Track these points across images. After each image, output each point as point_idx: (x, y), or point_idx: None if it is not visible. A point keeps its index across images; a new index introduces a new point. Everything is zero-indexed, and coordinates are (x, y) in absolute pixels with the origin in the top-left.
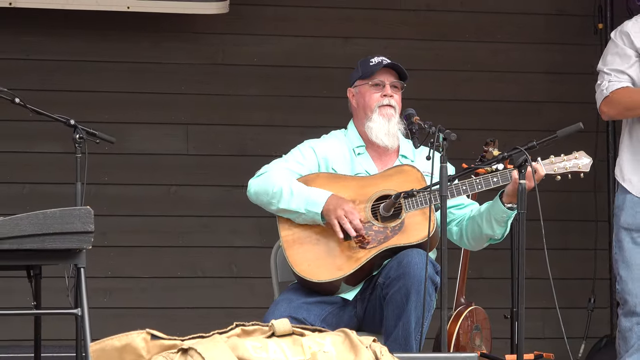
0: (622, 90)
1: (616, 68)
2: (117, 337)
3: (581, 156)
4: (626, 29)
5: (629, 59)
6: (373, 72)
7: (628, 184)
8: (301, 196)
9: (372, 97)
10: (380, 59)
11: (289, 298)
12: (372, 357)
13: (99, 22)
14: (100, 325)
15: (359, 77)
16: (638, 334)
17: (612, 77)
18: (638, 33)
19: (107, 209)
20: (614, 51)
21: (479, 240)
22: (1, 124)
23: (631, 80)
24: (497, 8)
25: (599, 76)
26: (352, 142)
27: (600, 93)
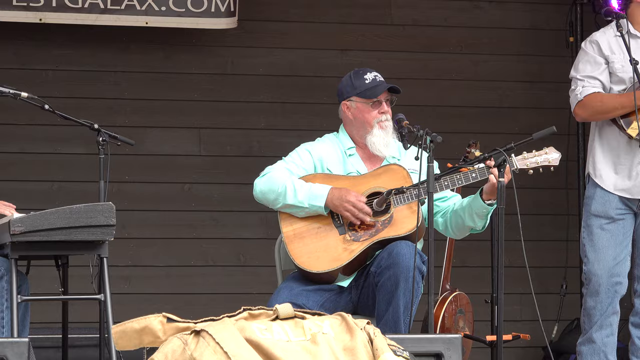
0: (594, 94)
1: (588, 74)
2: (136, 320)
3: (551, 151)
4: (596, 39)
5: (599, 66)
6: (373, 93)
7: (599, 179)
8: (304, 192)
9: (371, 115)
10: (373, 76)
11: (290, 286)
12: (366, 338)
13: (120, 37)
14: (121, 309)
15: (356, 94)
16: (601, 312)
17: (585, 83)
18: (606, 43)
19: (128, 204)
20: (585, 59)
21: (462, 230)
22: (32, 128)
23: (602, 85)
24: (477, 23)
25: (572, 82)
26: (343, 145)
27: (575, 97)
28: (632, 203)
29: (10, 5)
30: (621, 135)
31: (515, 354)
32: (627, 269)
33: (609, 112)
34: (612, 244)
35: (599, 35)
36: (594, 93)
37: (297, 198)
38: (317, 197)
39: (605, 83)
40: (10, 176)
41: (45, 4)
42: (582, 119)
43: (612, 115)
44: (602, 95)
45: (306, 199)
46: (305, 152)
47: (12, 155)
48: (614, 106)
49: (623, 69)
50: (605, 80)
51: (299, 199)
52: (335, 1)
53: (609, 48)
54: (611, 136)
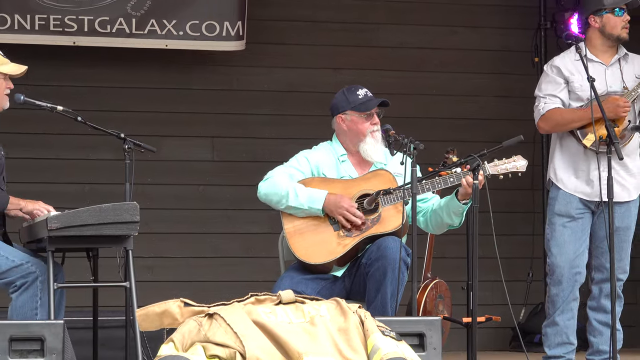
0: (555, 110)
1: (550, 93)
2: (157, 305)
3: (519, 159)
4: (556, 63)
5: (559, 86)
6: (367, 107)
7: (560, 182)
8: (304, 196)
9: (364, 126)
10: (364, 92)
11: (291, 275)
12: (358, 320)
13: (143, 57)
14: (144, 295)
15: (350, 108)
16: (563, 299)
17: (547, 100)
18: (565, 66)
19: (150, 203)
20: (547, 80)
21: (440, 227)
22: (66, 137)
23: (562, 102)
24: (455, 46)
25: (536, 100)
26: (337, 152)
27: (538, 112)
28: (591, 203)
29: (47, 30)
30: (579, 145)
31: (487, 334)
32: (585, 260)
33: (567, 124)
34: (572, 239)
35: (558, 60)
36: (555, 108)
37: (298, 201)
38: (315, 200)
39: (564, 100)
40: (48, 179)
41: (78, 29)
42: (545, 131)
43: (571, 127)
44: (562, 110)
45: (306, 202)
46: (303, 158)
47: (49, 161)
48: (572, 119)
49: (581, 88)
50: (564, 98)
51: (300, 202)
52: (329, 26)
53: (568, 70)
54: (571, 145)
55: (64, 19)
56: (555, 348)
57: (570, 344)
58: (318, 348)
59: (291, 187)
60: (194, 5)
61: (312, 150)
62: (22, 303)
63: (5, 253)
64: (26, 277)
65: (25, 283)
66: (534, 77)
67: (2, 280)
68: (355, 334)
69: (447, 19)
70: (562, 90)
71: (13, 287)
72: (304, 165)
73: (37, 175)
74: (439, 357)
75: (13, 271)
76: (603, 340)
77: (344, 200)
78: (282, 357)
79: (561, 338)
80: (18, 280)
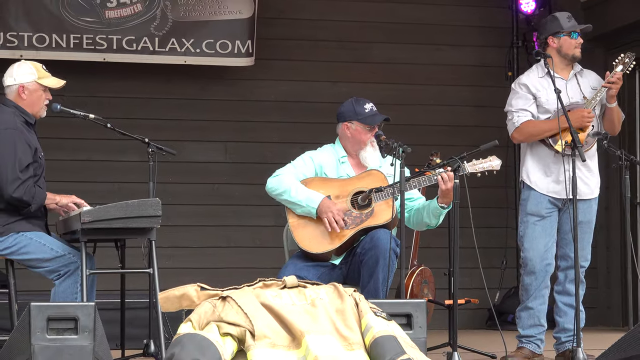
0: (528, 122)
1: (521, 107)
2: (177, 289)
3: (494, 159)
4: (523, 81)
5: (528, 100)
6: (371, 122)
7: (533, 184)
8: (303, 195)
9: (366, 136)
10: (371, 106)
11: (294, 262)
12: (353, 302)
13: (164, 72)
14: (165, 280)
15: (357, 119)
16: (535, 287)
17: (519, 114)
18: (532, 83)
19: (170, 200)
20: (517, 96)
21: (420, 225)
22: (98, 141)
23: (532, 115)
24: (440, 61)
25: (508, 114)
26: (338, 154)
27: (512, 125)
28: (559, 202)
29: (81, 48)
30: (549, 150)
31: (466, 314)
32: (554, 252)
33: (540, 134)
34: (542, 235)
35: (525, 78)
36: (528, 121)
37: (297, 197)
38: (312, 201)
39: (534, 113)
40: (81, 178)
41: (107, 47)
42: (519, 141)
43: (543, 136)
44: (534, 122)
45: (304, 200)
46: (308, 158)
47: (82, 162)
48: (544, 129)
49: (547, 102)
50: (534, 111)
51: (299, 199)
52: (328, 44)
53: (535, 87)
54: (540, 150)
55: (95, 38)
56: (528, 329)
57: (541, 326)
58: (318, 327)
59: (294, 185)
60: (209, 26)
61: (317, 151)
62: (64, 289)
63: (50, 244)
64: (68, 266)
65: (68, 271)
66: (507, 89)
67: (47, 268)
68: (350, 314)
69: (432, 38)
70: (532, 104)
71: (56, 274)
72: (309, 164)
73: (72, 175)
74: (424, 334)
75: (57, 260)
76: (568, 319)
77: (334, 206)
78: (287, 335)
79: (533, 321)
80: (62, 269)
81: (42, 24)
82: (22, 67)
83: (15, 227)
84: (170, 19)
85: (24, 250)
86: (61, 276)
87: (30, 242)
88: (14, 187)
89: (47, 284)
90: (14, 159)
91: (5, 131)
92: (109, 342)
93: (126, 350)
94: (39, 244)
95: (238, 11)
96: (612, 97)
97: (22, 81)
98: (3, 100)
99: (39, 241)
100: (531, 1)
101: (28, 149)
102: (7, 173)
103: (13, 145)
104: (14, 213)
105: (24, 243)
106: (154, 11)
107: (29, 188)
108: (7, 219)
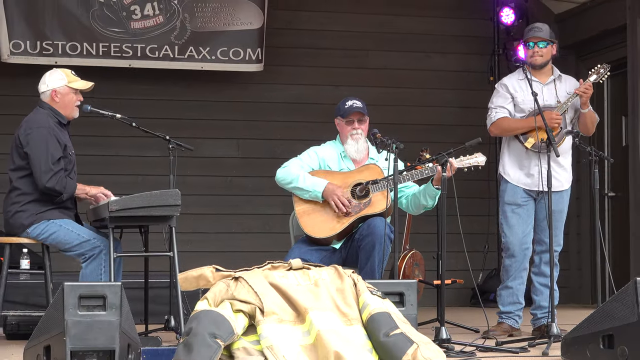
0: (503, 118)
1: (499, 105)
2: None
3: (479, 156)
4: (504, 82)
5: (507, 99)
6: (346, 114)
7: (508, 176)
8: (309, 181)
9: (345, 129)
10: (351, 102)
11: (299, 246)
12: (352, 282)
13: (183, 76)
14: (183, 262)
15: (338, 115)
16: (514, 268)
17: (497, 110)
18: (512, 84)
19: (189, 191)
20: (497, 95)
21: (418, 208)
22: (124, 138)
23: (509, 113)
24: (429, 67)
25: (488, 110)
26: (339, 149)
27: (490, 120)
28: (532, 192)
29: (109, 55)
30: (522, 147)
31: (453, 293)
32: (531, 238)
33: (512, 130)
34: (520, 222)
35: (506, 80)
36: (503, 117)
37: (305, 184)
38: (317, 186)
39: (511, 111)
40: (109, 171)
41: (133, 54)
42: (494, 134)
43: (515, 132)
44: (508, 119)
45: (310, 186)
46: (313, 153)
47: (110, 157)
48: (517, 127)
49: (523, 102)
50: (511, 110)
51: (306, 185)
52: (330, 52)
53: (513, 88)
54: (516, 147)
55: (121, 46)
56: (507, 306)
57: (519, 303)
58: (320, 304)
59: (301, 174)
60: (223, 35)
61: (321, 146)
62: (90, 271)
63: (77, 231)
64: (93, 250)
65: (93, 255)
66: (489, 92)
67: (75, 251)
68: (349, 293)
69: (422, 47)
70: (509, 103)
71: (83, 257)
72: (313, 158)
73: (101, 168)
74: (415, 311)
75: (83, 245)
76: (543, 298)
77: (339, 189)
78: (292, 311)
79: (512, 298)
80: (87, 253)
81: (74, 34)
82: (54, 74)
83: (46, 215)
84: (188, 29)
85: (54, 237)
86: (87, 259)
87: (59, 229)
88: (47, 177)
89: (78, 266)
90: (46, 153)
91: (38, 129)
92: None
93: (149, 324)
94: (67, 230)
95: (249, 22)
96: (585, 103)
97: (54, 86)
98: (40, 104)
99: (67, 228)
100: (510, 13)
101: (58, 145)
102: (40, 165)
103: (45, 142)
104: (47, 203)
105: (53, 229)
106: (174, 22)
107: (60, 179)
108: (40, 208)
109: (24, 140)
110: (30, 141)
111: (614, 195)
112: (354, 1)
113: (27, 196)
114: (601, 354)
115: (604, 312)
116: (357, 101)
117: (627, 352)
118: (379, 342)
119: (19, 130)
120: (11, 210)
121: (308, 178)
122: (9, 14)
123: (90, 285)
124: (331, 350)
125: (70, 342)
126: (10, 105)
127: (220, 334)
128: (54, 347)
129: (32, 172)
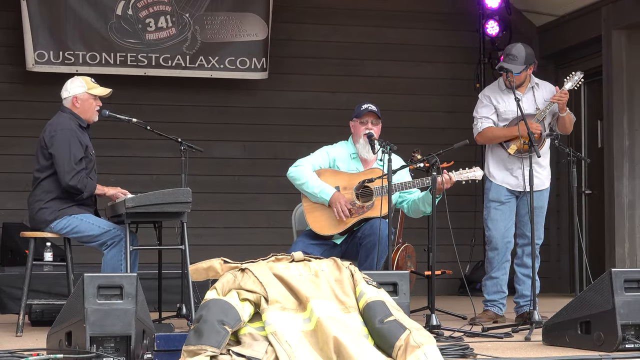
0: (488, 128)
1: (484, 115)
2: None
3: (477, 170)
4: (487, 93)
5: (490, 110)
6: (361, 114)
7: (492, 177)
8: (318, 187)
9: (360, 129)
10: (367, 105)
11: (302, 240)
12: (349, 273)
13: (194, 84)
14: (194, 255)
15: (354, 116)
16: (497, 260)
17: (483, 121)
18: (494, 96)
19: (199, 189)
20: (482, 105)
21: (417, 213)
22: (139, 140)
23: (493, 122)
24: (420, 75)
25: (474, 120)
26: (350, 150)
27: (476, 130)
28: (515, 192)
29: (125, 64)
30: (505, 152)
31: (442, 283)
32: (513, 232)
33: (497, 139)
34: (503, 218)
35: (488, 91)
36: (488, 127)
37: (313, 189)
38: (326, 193)
39: (495, 120)
40: (126, 171)
41: (147, 64)
42: (481, 143)
43: (499, 140)
44: (493, 128)
45: (319, 192)
46: (324, 152)
47: (127, 158)
48: (501, 136)
49: (505, 112)
50: (495, 120)
51: (314, 190)
52: (329, 61)
53: (496, 100)
54: (498, 151)
55: (137, 56)
56: (492, 295)
57: (503, 292)
58: (320, 293)
59: (311, 177)
60: (230, 46)
61: (332, 146)
62: (112, 256)
63: (97, 223)
64: (114, 238)
65: (113, 242)
66: (475, 98)
67: (97, 242)
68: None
69: (413, 56)
70: (493, 113)
71: (105, 245)
72: (324, 157)
73: (118, 168)
74: (407, 299)
75: (103, 235)
76: (525, 287)
77: (343, 198)
78: (294, 300)
79: (496, 288)
80: (109, 241)
81: (94, 44)
82: (74, 82)
83: (68, 211)
84: (199, 40)
85: (77, 230)
86: (109, 246)
87: (80, 223)
88: (70, 176)
89: (98, 258)
90: (69, 154)
91: (62, 131)
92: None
93: (162, 312)
94: (88, 223)
95: (255, 34)
96: (562, 108)
97: (75, 93)
98: (62, 109)
99: (87, 221)
100: (495, 26)
101: (80, 146)
102: (64, 165)
103: (68, 143)
104: (68, 200)
105: (76, 223)
106: (185, 34)
107: (82, 178)
108: (62, 205)
109: (48, 142)
110: (54, 142)
111: (590, 192)
112: (351, 15)
113: (50, 194)
114: (579, 338)
115: (581, 301)
116: (372, 105)
117: (602, 337)
118: (374, 328)
119: (44, 133)
120: (35, 207)
121: (317, 183)
122: (34, 26)
123: (108, 276)
124: (330, 335)
125: (89, 328)
126: (35, 110)
127: (228, 321)
128: (74, 332)
129: (56, 171)
